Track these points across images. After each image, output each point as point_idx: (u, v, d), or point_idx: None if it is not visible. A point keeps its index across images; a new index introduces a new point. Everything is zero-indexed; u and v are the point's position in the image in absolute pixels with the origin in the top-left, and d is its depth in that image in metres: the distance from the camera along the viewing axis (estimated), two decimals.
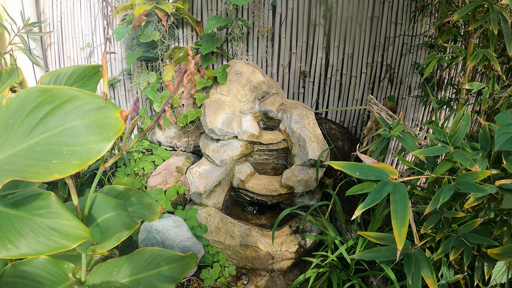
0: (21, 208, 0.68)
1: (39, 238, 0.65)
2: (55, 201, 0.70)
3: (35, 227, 0.66)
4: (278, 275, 1.89)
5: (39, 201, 0.70)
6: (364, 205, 0.78)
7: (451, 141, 1.01)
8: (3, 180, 0.51)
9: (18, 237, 0.64)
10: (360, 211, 0.76)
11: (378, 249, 1.01)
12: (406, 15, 2.31)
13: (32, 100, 0.59)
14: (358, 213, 0.76)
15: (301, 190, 2.01)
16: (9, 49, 2.14)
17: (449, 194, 0.86)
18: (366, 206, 0.78)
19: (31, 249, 0.63)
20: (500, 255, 0.93)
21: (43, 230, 0.66)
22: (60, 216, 0.69)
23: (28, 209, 0.69)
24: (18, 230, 0.65)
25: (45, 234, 0.66)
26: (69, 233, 0.67)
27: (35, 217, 0.68)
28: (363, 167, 0.82)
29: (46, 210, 0.69)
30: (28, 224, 0.66)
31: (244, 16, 2.36)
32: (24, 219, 0.67)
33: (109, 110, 0.61)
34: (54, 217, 0.68)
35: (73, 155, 0.57)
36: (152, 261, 1.04)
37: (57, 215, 0.69)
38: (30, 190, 0.72)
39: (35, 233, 0.65)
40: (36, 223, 0.67)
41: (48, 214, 0.69)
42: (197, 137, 2.41)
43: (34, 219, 0.67)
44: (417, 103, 2.49)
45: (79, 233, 0.68)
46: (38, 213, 0.68)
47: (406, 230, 0.74)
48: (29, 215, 0.68)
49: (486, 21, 1.24)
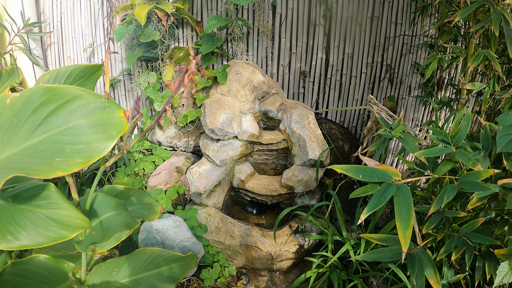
0: (21, 200, 0.68)
1: (39, 229, 0.65)
2: (54, 192, 0.70)
3: (35, 218, 0.66)
4: (278, 275, 1.88)
5: (39, 192, 0.70)
6: (369, 209, 0.78)
7: (453, 141, 1.01)
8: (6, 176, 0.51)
9: (18, 229, 0.64)
10: (366, 215, 0.76)
11: (381, 250, 1.01)
12: (406, 15, 2.31)
13: (36, 99, 0.59)
14: (364, 217, 0.76)
15: (301, 190, 2.01)
16: (9, 49, 2.13)
17: (453, 193, 0.86)
18: (371, 210, 0.77)
19: (31, 240, 0.63)
20: (507, 256, 0.94)
21: (43, 221, 0.66)
22: (59, 206, 0.69)
23: (28, 200, 0.69)
24: (18, 222, 0.65)
25: (45, 225, 0.66)
26: (68, 223, 0.67)
27: (35, 208, 0.68)
28: (366, 169, 0.82)
29: (46, 201, 0.69)
30: (28, 216, 0.66)
31: (244, 16, 2.36)
32: (24, 211, 0.67)
33: (112, 110, 0.61)
34: (54, 207, 0.68)
35: (77, 153, 0.57)
36: (152, 261, 1.03)
37: (57, 206, 0.69)
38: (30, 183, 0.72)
39: (35, 224, 0.65)
40: (36, 214, 0.67)
41: (48, 205, 0.69)
42: (197, 137, 2.41)
43: (34, 210, 0.67)
44: (417, 103, 2.50)
45: (79, 222, 0.68)
46: (38, 204, 0.68)
47: (411, 231, 0.74)
48: (29, 206, 0.68)
49: (487, 22, 1.24)
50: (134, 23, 2.13)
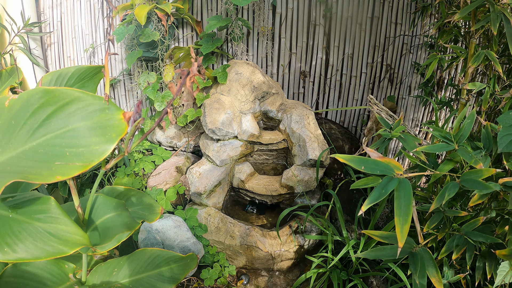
0: (20, 212, 0.68)
1: (37, 243, 0.64)
2: (54, 205, 0.69)
3: (33, 232, 0.65)
4: (278, 275, 1.88)
5: (38, 205, 0.69)
6: (370, 201, 0.77)
7: (455, 139, 1.01)
8: (6, 182, 0.51)
9: (16, 241, 0.63)
10: (367, 207, 0.76)
11: (382, 248, 1.01)
12: (406, 15, 2.31)
13: (35, 101, 0.58)
14: (365, 209, 0.76)
15: (301, 190, 2.01)
16: (9, 49, 2.13)
17: (454, 191, 0.86)
18: (372, 202, 0.77)
19: (29, 254, 0.62)
20: (508, 256, 0.94)
21: (41, 235, 0.65)
22: (58, 221, 0.68)
23: (27, 213, 0.68)
24: (16, 234, 0.64)
25: (43, 239, 0.65)
26: (67, 239, 0.66)
27: (34, 221, 0.67)
28: (368, 161, 0.82)
29: (45, 215, 0.68)
30: (26, 228, 0.65)
31: (244, 16, 2.36)
32: (22, 223, 0.66)
33: (112, 112, 0.60)
34: (52, 222, 0.68)
35: (76, 157, 0.56)
36: (153, 261, 1.03)
37: (56, 220, 0.68)
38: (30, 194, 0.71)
39: (33, 237, 0.64)
40: (35, 227, 0.66)
41: (47, 218, 0.68)
42: (197, 137, 2.41)
43: (32, 223, 0.66)
44: (417, 103, 2.50)
45: (78, 239, 0.67)
46: (37, 218, 0.67)
47: (408, 227, 0.74)
48: (28, 219, 0.67)
49: (487, 21, 1.24)
50: (134, 23, 2.13)
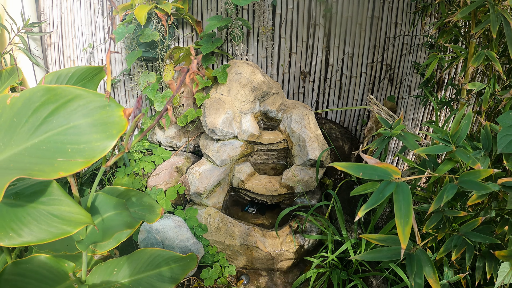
0: (23, 198, 0.69)
1: (42, 225, 0.65)
2: (56, 188, 0.71)
3: (37, 215, 0.67)
4: (278, 275, 1.88)
5: (41, 189, 0.70)
6: (367, 206, 0.78)
7: (453, 140, 1.02)
8: (10, 178, 0.52)
9: (20, 226, 0.64)
10: (364, 212, 0.76)
11: (380, 250, 1.01)
12: (406, 15, 2.31)
13: (37, 99, 0.59)
14: (362, 214, 0.76)
15: (301, 190, 2.01)
16: (9, 49, 2.13)
17: (452, 192, 0.86)
18: (370, 207, 0.78)
19: (34, 237, 0.64)
20: (508, 257, 0.94)
21: (46, 217, 0.67)
22: (62, 202, 0.69)
23: (30, 197, 0.69)
24: (20, 219, 0.65)
25: (47, 221, 0.66)
26: (71, 219, 0.67)
27: (38, 205, 0.68)
28: (366, 167, 0.82)
29: (48, 198, 0.69)
30: (30, 213, 0.67)
31: (244, 16, 2.36)
32: (26, 208, 0.67)
33: (112, 108, 0.61)
34: (56, 204, 0.69)
35: (78, 153, 0.57)
36: (152, 261, 1.03)
37: (59, 202, 0.69)
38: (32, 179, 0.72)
39: (38, 220, 0.66)
40: (39, 211, 0.67)
41: (50, 201, 0.69)
42: (197, 137, 2.41)
43: (36, 207, 0.68)
44: (417, 103, 2.50)
45: (81, 218, 0.68)
46: (40, 201, 0.69)
47: (410, 229, 0.74)
48: (32, 203, 0.68)
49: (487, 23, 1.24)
50: (134, 23, 2.13)
